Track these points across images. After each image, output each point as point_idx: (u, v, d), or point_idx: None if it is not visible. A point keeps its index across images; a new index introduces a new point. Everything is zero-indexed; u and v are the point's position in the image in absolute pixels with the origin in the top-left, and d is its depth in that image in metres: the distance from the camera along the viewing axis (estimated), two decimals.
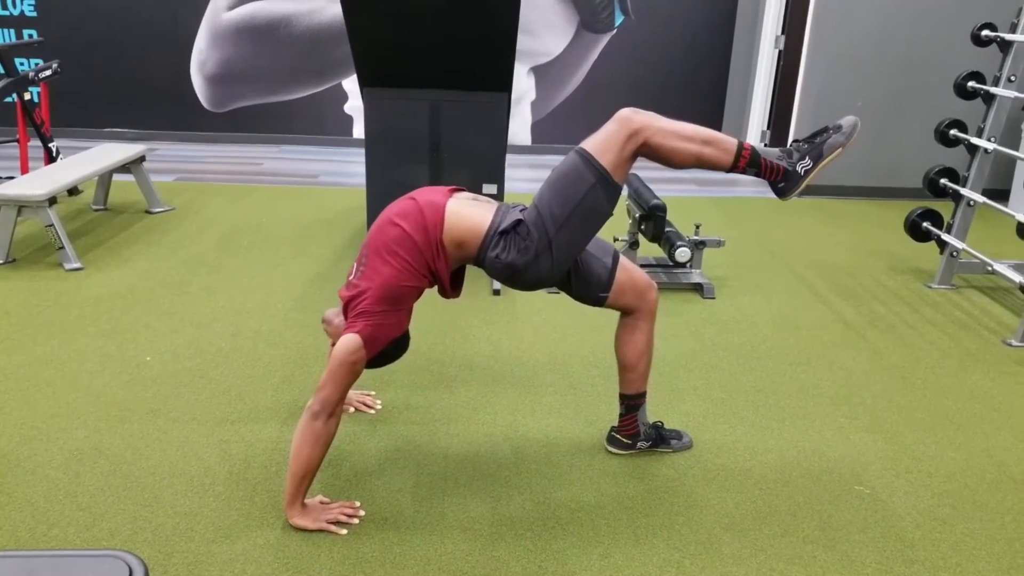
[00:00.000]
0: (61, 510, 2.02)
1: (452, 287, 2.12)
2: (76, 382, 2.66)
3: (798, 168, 2.02)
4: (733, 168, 2.00)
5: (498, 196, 3.86)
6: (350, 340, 1.93)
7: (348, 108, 6.67)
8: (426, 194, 2.07)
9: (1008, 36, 3.69)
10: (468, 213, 2.02)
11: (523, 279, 2.05)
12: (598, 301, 2.17)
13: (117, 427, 2.41)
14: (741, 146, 2.00)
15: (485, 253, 2.01)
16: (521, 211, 2.04)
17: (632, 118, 1.95)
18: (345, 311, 2.04)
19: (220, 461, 2.26)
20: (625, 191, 3.86)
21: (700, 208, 5.14)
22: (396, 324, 2.02)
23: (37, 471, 2.17)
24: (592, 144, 1.97)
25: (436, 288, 2.10)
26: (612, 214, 2.03)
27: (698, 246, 3.73)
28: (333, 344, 2.18)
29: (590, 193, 1.95)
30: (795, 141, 2.06)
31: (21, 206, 3.67)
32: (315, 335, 3.05)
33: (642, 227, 3.60)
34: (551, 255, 1.98)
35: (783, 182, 2.03)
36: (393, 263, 1.97)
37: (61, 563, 1.02)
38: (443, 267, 2.02)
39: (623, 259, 2.18)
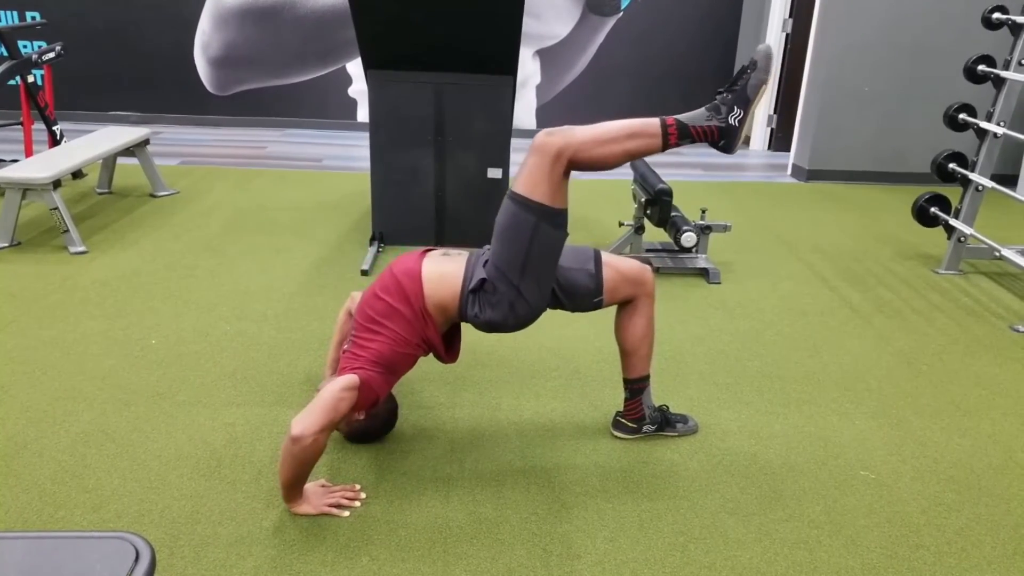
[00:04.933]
0: (68, 492, 2.03)
1: (447, 351, 2.16)
2: (82, 365, 2.67)
3: (731, 121, 1.97)
4: (666, 147, 1.97)
5: (503, 180, 3.84)
6: (346, 377, 1.95)
7: (352, 91, 6.64)
8: (401, 263, 2.10)
9: (1019, 19, 3.65)
10: (441, 275, 2.05)
11: (508, 327, 2.09)
12: (596, 306, 2.18)
13: (123, 410, 2.41)
14: (664, 124, 1.96)
15: (466, 313, 2.06)
16: (485, 263, 2.05)
17: (549, 142, 1.92)
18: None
19: (226, 444, 2.26)
20: (631, 176, 3.85)
21: (706, 193, 5.12)
22: (388, 384, 2.06)
23: (44, 453, 2.18)
24: (520, 183, 1.97)
25: (432, 355, 2.15)
26: (567, 235, 2.03)
27: (704, 231, 3.71)
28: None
29: (536, 233, 1.96)
30: (718, 92, 2.01)
31: (26, 189, 3.67)
32: (320, 318, 3.05)
33: (648, 212, 3.59)
34: (524, 301, 2.02)
35: (722, 139, 1.99)
36: (384, 334, 2.02)
37: (68, 545, 1.02)
38: (433, 334, 2.07)
39: (606, 256, 2.17)
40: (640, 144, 1.97)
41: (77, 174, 4.91)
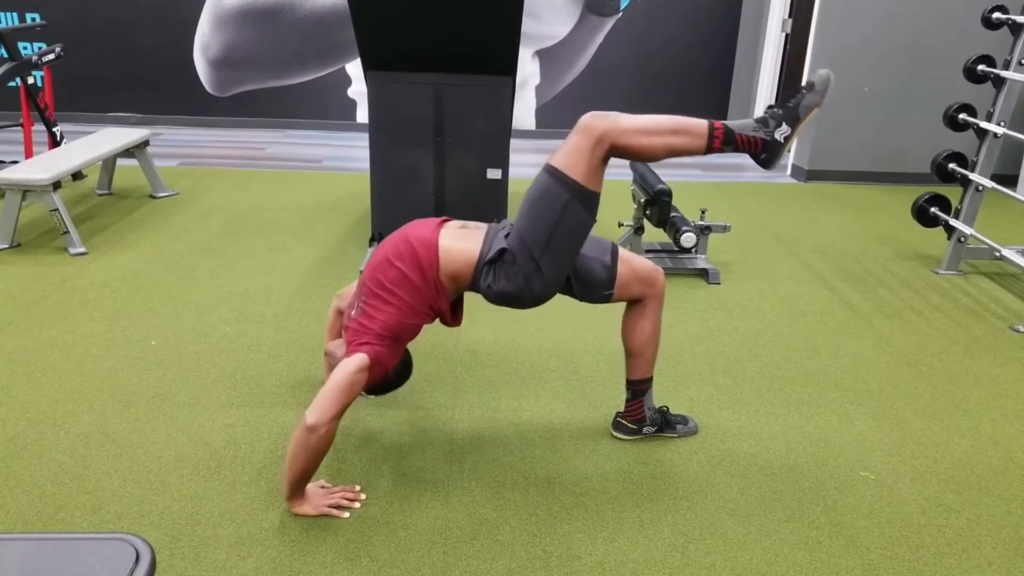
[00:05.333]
0: (68, 493, 2.03)
1: (452, 317, 2.15)
2: (82, 366, 2.67)
3: (776, 136, 1.96)
4: (709, 150, 1.96)
5: (503, 181, 3.84)
6: (357, 358, 1.93)
7: (352, 92, 6.64)
8: (417, 230, 2.07)
9: (1019, 19, 3.65)
10: (458, 247, 2.03)
11: (520, 302, 2.07)
12: (604, 299, 2.17)
13: (123, 411, 2.41)
14: (712, 127, 1.94)
15: (478, 283, 2.04)
16: (506, 236, 2.03)
17: (594, 124, 1.91)
18: (347, 340, 2.06)
19: (226, 445, 2.26)
20: (630, 176, 3.85)
21: (705, 193, 5.12)
22: (396, 355, 2.06)
23: (44, 455, 2.18)
24: (560, 159, 1.95)
25: (438, 320, 2.13)
26: (595, 222, 2.02)
27: (703, 231, 3.71)
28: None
29: (566, 210, 1.94)
30: (769, 107, 2.01)
31: (25, 191, 3.67)
32: (319, 320, 3.05)
33: (647, 212, 3.59)
34: (541, 276, 1.99)
35: (764, 153, 1.98)
36: (394, 302, 1.99)
37: (68, 546, 1.02)
38: (443, 303, 2.05)
39: (622, 251, 2.17)
40: (683, 142, 1.95)
41: (77, 175, 4.91)
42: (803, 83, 2.00)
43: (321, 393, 1.91)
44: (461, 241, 2.04)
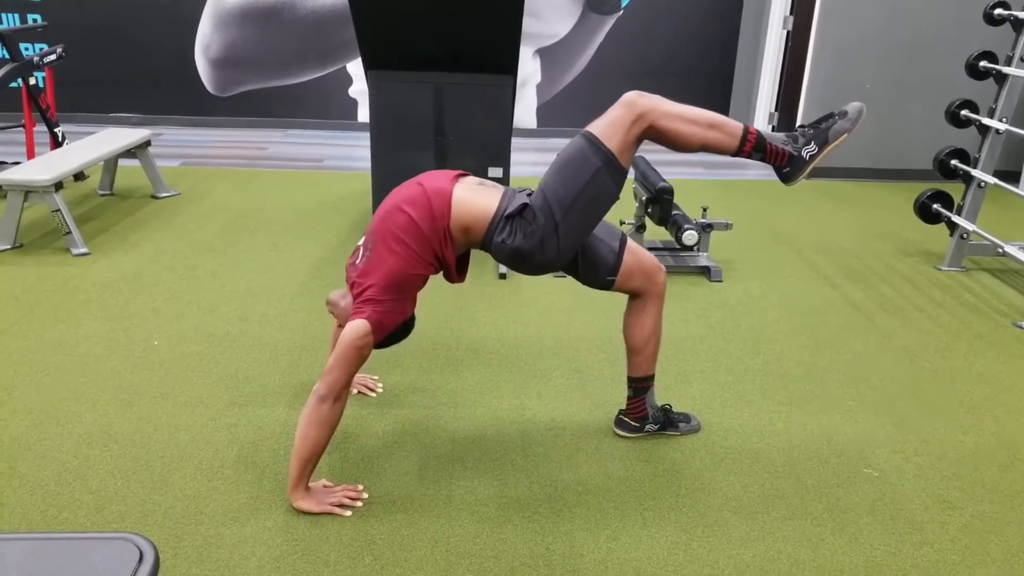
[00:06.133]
0: (71, 493, 2.03)
1: (458, 272, 2.11)
2: (84, 366, 2.67)
3: (803, 153, 2.01)
4: (739, 152, 1.99)
5: (504, 180, 3.83)
6: (359, 325, 1.93)
7: (353, 92, 6.64)
8: (433, 180, 2.04)
9: (1021, 15, 3.64)
10: (474, 199, 2.01)
11: (529, 263, 2.04)
12: (606, 285, 2.16)
13: (126, 411, 2.42)
14: (747, 130, 1.98)
15: (491, 238, 2.00)
16: (528, 195, 2.02)
17: (637, 101, 1.93)
18: (352, 293, 2.04)
19: (228, 444, 2.26)
20: (632, 174, 3.84)
21: (707, 191, 5.11)
22: (401, 311, 2.03)
23: (47, 455, 2.19)
24: (598, 127, 1.96)
25: (442, 274, 2.10)
26: (619, 197, 2.02)
27: (705, 229, 3.71)
28: (340, 326, 2.19)
29: (596, 176, 1.94)
30: (801, 126, 2.06)
31: (28, 191, 3.67)
32: (321, 319, 3.05)
33: (649, 210, 3.58)
34: (557, 240, 1.97)
35: (788, 167, 2.03)
36: (400, 251, 1.96)
37: (72, 546, 1.02)
38: (450, 254, 2.02)
39: (631, 242, 2.17)
40: (717, 138, 1.98)
41: (79, 176, 4.91)
42: (837, 110, 2.05)
43: (329, 363, 1.94)
44: (477, 194, 2.02)
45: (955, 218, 3.84)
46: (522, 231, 1.98)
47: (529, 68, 6.51)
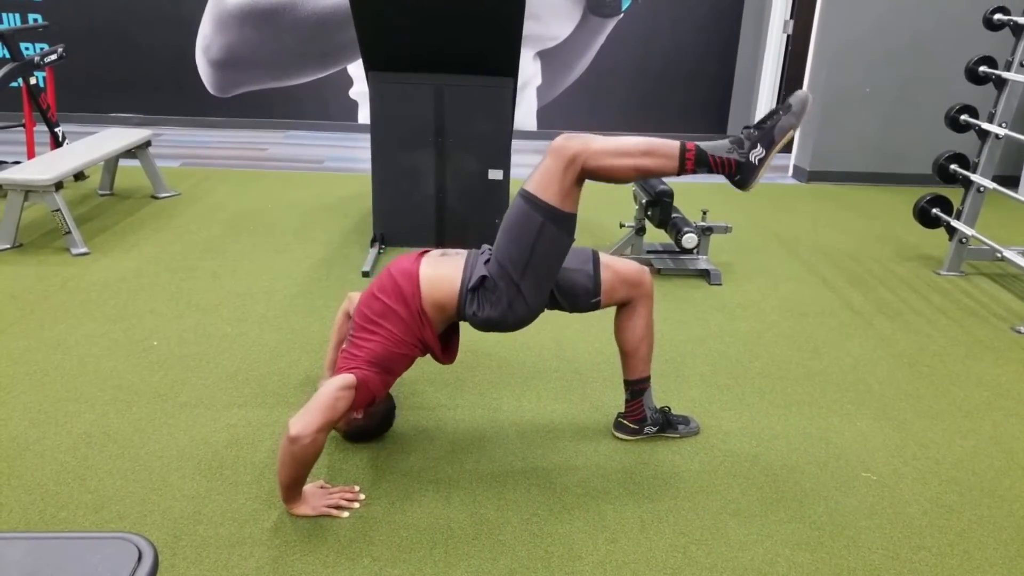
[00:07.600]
0: (70, 493, 2.03)
1: (444, 351, 2.16)
2: (84, 366, 2.67)
3: (751, 158, 1.95)
4: (681, 171, 1.96)
5: (504, 181, 3.84)
6: (343, 376, 1.96)
7: (353, 93, 6.64)
8: (399, 263, 2.11)
9: (1021, 20, 3.65)
10: (439, 275, 2.05)
11: (504, 326, 2.09)
12: (593, 307, 2.18)
13: (125, 411, 2.41)
14: (684, 148, 1.94)
15: (463, 312, 2.06)
16: (486, 262, 2.05)
17: (566, 146, 1.93)
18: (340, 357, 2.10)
19: (227, 445, 2.26)
20: None
21: (707, 194, 5.11)
22: (385, 384, 2.07)
23: (46, 454, 2.18)
24: (533, 182, 1.97)
25: (431, 356, 2.15)
26: (573, 240, 2.03)
27: (705, 232, 3.71)
28: (346, 313, 2.26)
29: (543, 232, 1.96)
30: (746, 127, 2.00)
31: (28, 191, 3.67)
32: (321, 320, 3.05)
33: (648, 213, 3.59)
34: (524, 299, 2.02)
35: (738, 174, 1.97)
36: (380, 333, 2.02)
37: (71, 545, 1.02)
38: (430, 334, 2.07)
39: (604, 257, 2.18)
40: (654, 163, 1.95)
41: (79, 176, 4.92)
42: (781, 105, 2.00)
43: (306, 406, 1.92)
44: (441, 269, 2.07)
45: (954, 222, 3.85)
46: (488, 302, 2.02)
47: (530, 70, 6.52)
